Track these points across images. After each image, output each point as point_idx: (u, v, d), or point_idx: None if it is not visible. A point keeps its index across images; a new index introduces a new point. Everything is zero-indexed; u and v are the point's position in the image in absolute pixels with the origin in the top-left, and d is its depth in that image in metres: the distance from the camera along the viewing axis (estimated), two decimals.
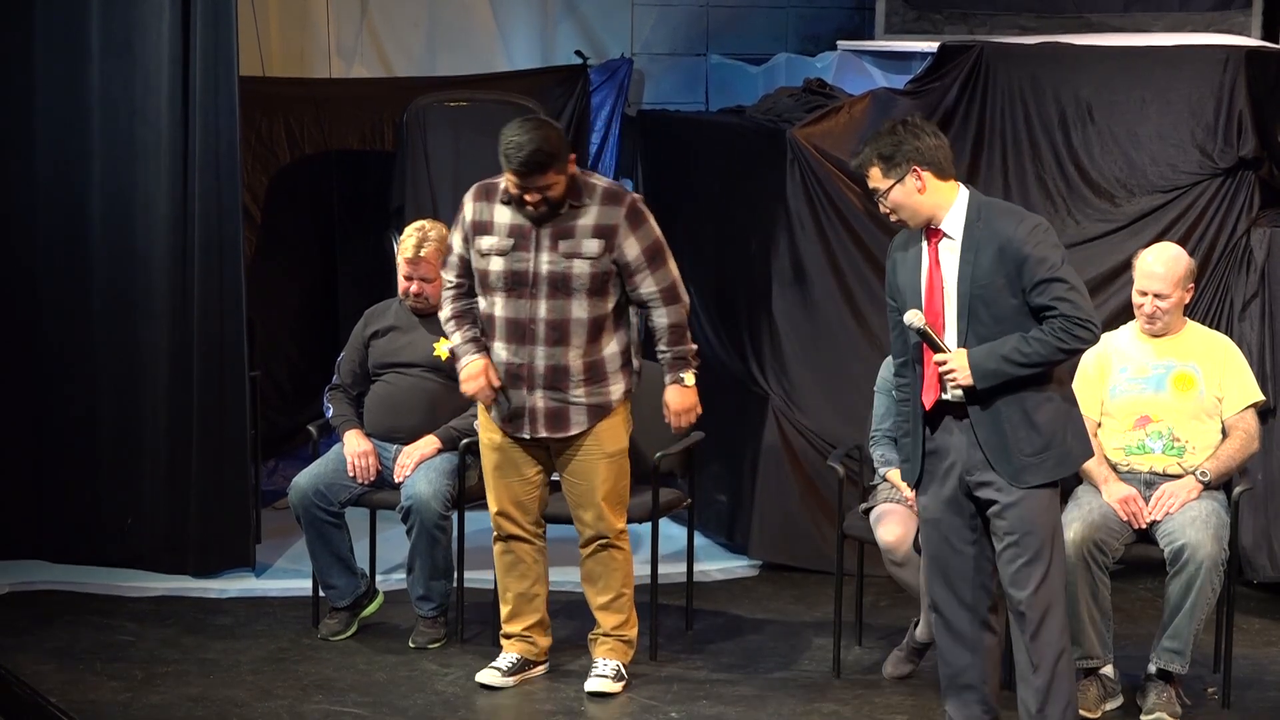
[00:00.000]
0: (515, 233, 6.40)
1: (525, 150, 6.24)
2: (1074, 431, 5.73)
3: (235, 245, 7.86)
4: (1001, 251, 5.58)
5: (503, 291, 6.42)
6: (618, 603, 6.72)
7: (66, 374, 8.01)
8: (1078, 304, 5.56)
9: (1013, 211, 5.76)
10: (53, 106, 7.94)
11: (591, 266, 6.37)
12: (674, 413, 6.59)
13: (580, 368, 6.44)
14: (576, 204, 6.38)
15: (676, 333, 6.52)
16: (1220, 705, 6.66)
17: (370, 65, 9.55)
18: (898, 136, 5.66)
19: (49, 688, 6.68)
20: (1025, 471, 5.64)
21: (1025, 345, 5.55)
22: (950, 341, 5.67)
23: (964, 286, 5.63)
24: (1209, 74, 8.04)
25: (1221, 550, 6.44)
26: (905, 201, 5.67)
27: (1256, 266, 7.90)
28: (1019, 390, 5.61)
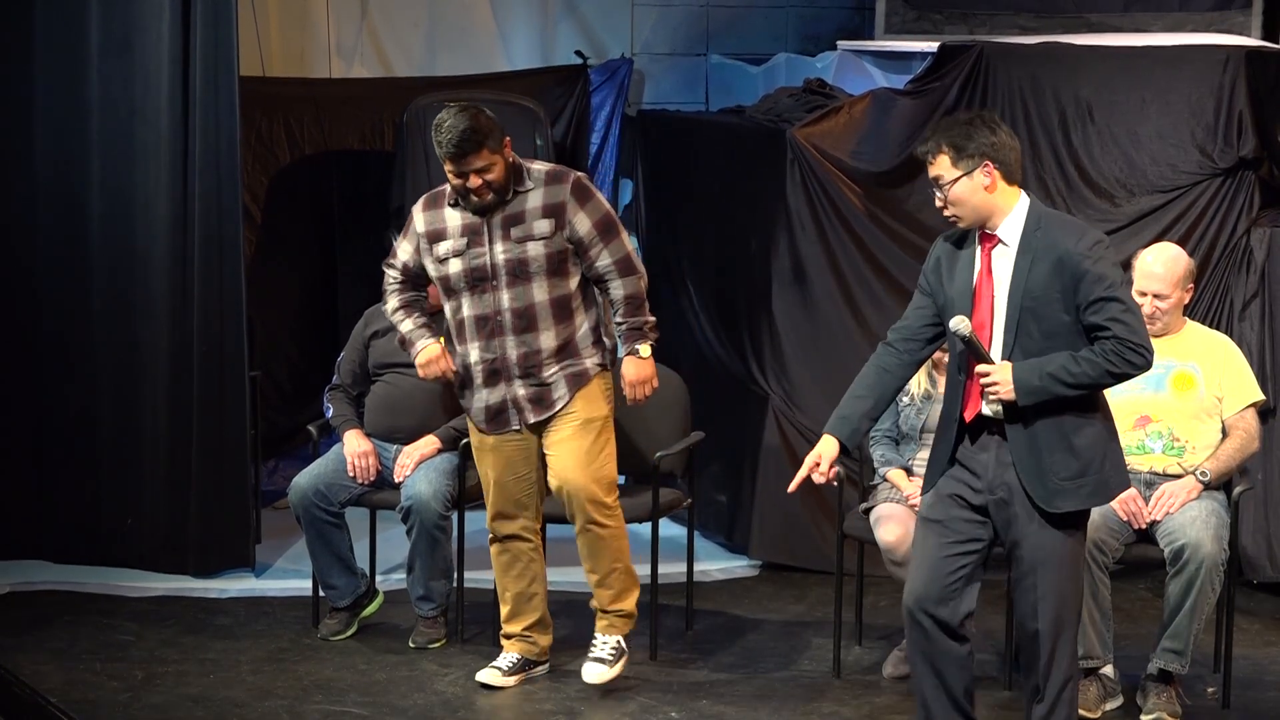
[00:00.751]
0: (468, 231, 6.43)
1: (455, 133, 6.26)
2: (1113, 462, 5.53)
3: (235, 245, 7.86)
4: (1060, 264, 5.35)
5: (466, 291, 6.44)
6: (610, 578, 6.69)
7: (66, 374, 8.02)
8: (1133, 327, 5.35)
9: (1074, 225, 5.54)
10: (53, 106, 7.94)
11: (546, 247, 6.38)
12: (630, 383, 6.55)
13: (552, 349, 6.44)
14: (521, 188, 6.41)
15: (633, 304, 6.49)
16: (1220, 705, 6.66)
17: (370, 65, 9.55)
18: (974, 128, 5.43)
19: (49, 687, 6.68)
20: (1058, 496, 5.42)
21: (1074, 364, 5.34)
22: (995, 354, 5.44)
23: (1015, 297, 5.41)
24: (1209, 74, 8.04)
25: (1221, 550, 6.44)
26: (969, 197, 5.42)
27: (1256, 266, 7.91)
28: (1060, 411, 5.40)
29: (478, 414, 6.56)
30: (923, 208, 8.26)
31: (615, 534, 6.63)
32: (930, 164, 5.47)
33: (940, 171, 5.45)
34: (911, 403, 6.94)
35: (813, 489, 8.20)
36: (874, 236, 8.23)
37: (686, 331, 8.97)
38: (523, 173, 6.44)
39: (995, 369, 5.39)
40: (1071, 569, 5.51)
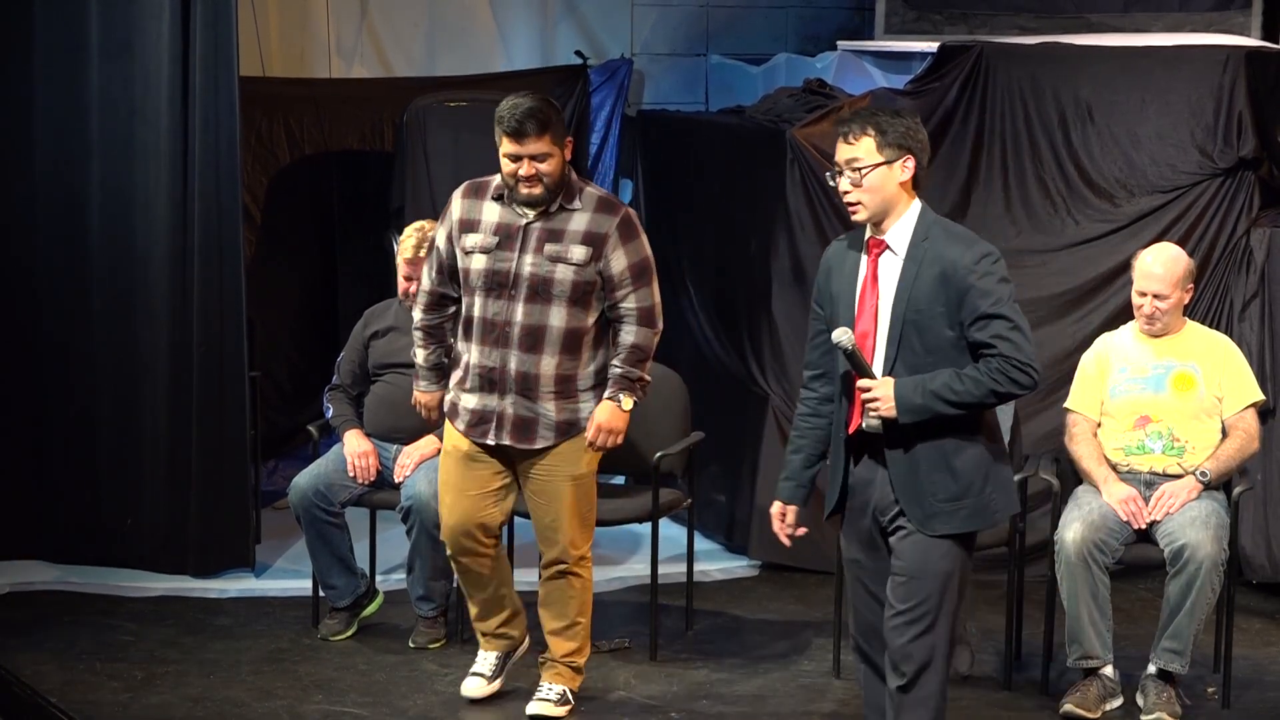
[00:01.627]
0: (501, 231, 6.14)
1: (520, 109, 6.04)
2: (997, 484, 5.26)
3: (235, 245, 7.86)
4: (944, 277, 5.13)
5: (482, 291, 6.16)
6: (571, 630, 6.42)
7: (66, 374, 8.01)
8: (1019, 345, 5.10)
9: (964, 236, 5.25)
10: (52, 106, 7.94)
11: (575, 274, 6.09)
12: (599, 426, 6.17)
13: (552, 378, 6.14)
14: (569, 206, 6.12)
15: (637, 354, 6.19)
16: (1220, 705, 6.66)
17: (370, 65, 9.55)
18: (904, 121, 5.24)
19: (49, 688, 6.68)
20: (935, 518, 5.20)
21: (957, 383, 5.10)
22: (877, 367, 5.21)
23: (899, 308, 5.17)
24: (1209, 74, 8.05)
25: (1221, 550, 6.44)
26: (882, 187, 5.19)
27: (1256, 267, 7.91)
28: (941, 431, 5.15)
29: (462, 415, 6.26)
30: None
31: (587, 585, 6.42)
32: (849, 143, 5.21)
33: (859, 154, 5.19)
34: None
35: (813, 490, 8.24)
36: None
37: (686, 331, 8.97)
38: (574, 190, 6.15)
39: (877, 384, 5.16)
40: (946, 589, 5.24)
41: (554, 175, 6.08)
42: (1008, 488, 5.33)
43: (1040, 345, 8.01)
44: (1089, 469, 6.68)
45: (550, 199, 6.11)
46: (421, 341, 6.40)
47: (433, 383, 6.42)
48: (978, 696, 6.74)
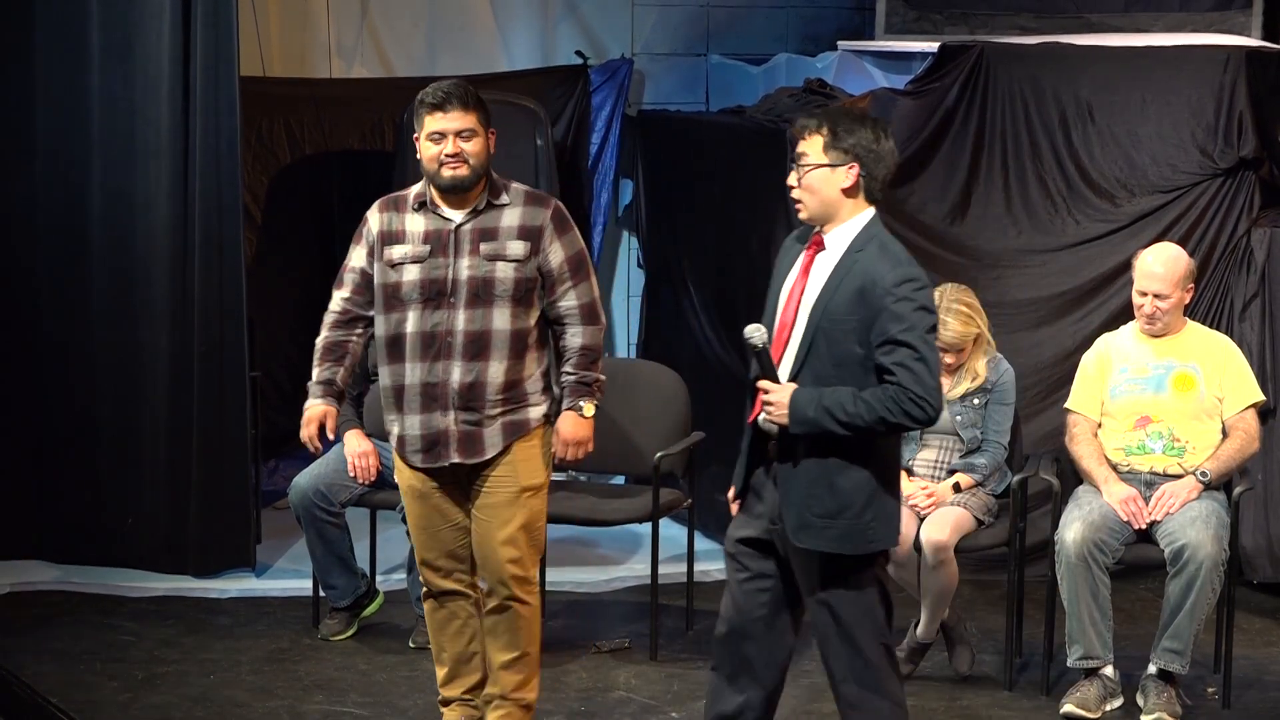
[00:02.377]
0: (431, 239, 5.78)
1: (444, 85, 5.78)
2: (878, 513, 5.10)
3: (235, 245, 7.87)
4: (862, 293, 5.00)
5: (417, 304, 5.77)
6: (520, 663, 5.97)
7: (67, 374, 8.02)
8: (920, 377, 4.95)
9: (895, 257, 5.08)
10: (53, 106, 7.94)
11: (516, 271, 5.75)
12: (564, 440, 5.88)
13: (499, 385, 5.77)
14: (497, 202, 5.80)
15: (588, 356, 5.86)
16: (1220, 705, 6.66)
17: (370, 65, 9.55)
18: (862, 126, 5.11)
19: (49, 688, 6.69)
20: (805, 530, 5.08)
21: (851, 404, 4.97)
22: (785, 369, 5.12)
23: (815, 315, 5.07)
24: (1209, 74, 8.05)
25: (1222, 550, 6.45)
26: (820, 189, 5.10)
27: (1257, 267, 7.91)
28: (830, 448, 5.04)
29: (410, 444, 5.84)
30: (923, 208, 8.27)
31: (535, 613, 5.96)
32: (803, 139, 5.15)
33: (808, 150, 5.12)
34: None
35: None
36: None
37: (686, 331, 8.98)
38: (500, 187, 5.83)
39: (776, 389, 5.07)
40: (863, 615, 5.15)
41: (479, 157, 5.75)
42: (890, 520, 5.15)
43: (1040, 345, 8.09)
44: (1089, 469, 6.68)
45: (474, 184, 5.76)
46: (319, 358, 5.95)
47: (319, 397, 5.91)
48: (978, 696, 6.75)
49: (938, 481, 6.88)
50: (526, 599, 5.90)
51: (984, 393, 6.91)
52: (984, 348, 6.94)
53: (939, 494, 6.80)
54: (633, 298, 9.82)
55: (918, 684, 6.86)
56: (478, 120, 5.77)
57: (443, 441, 5.80)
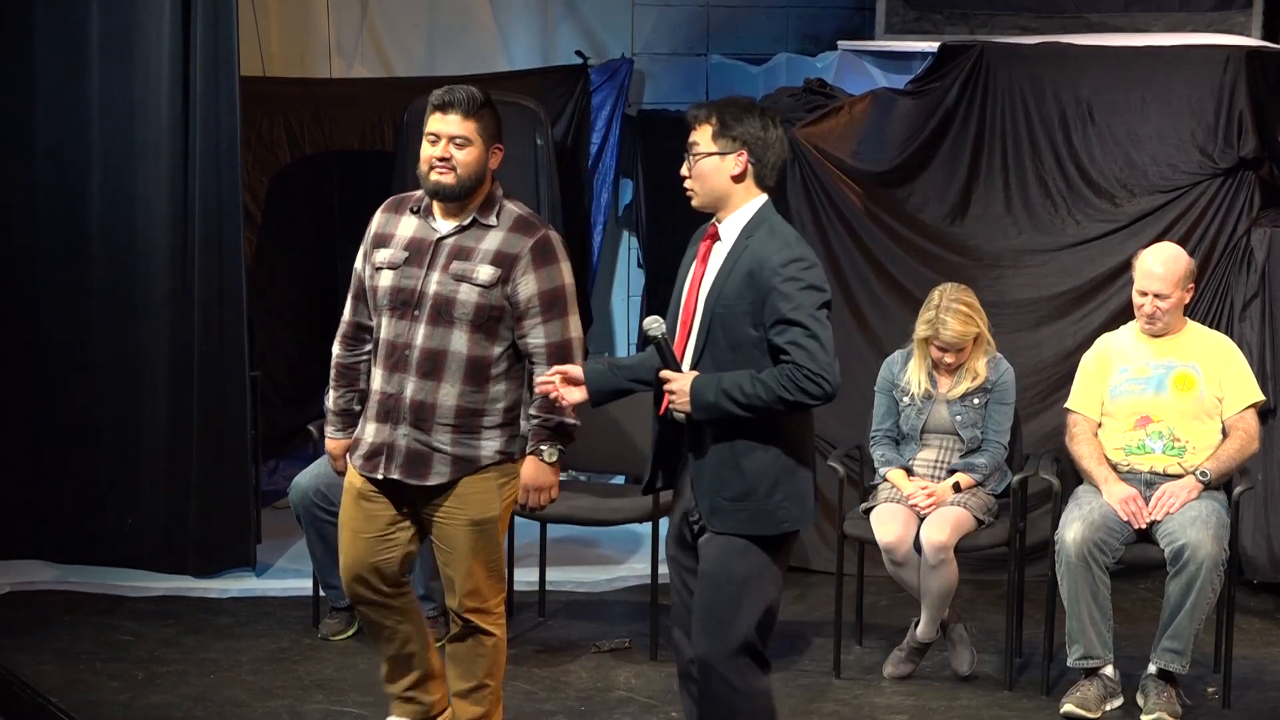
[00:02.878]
0: (413, 246, 5.58)
1: (456, 89, 5.58)
2: (789, 492, 5.09)
3: (235, 245, 7.87)
4: (752, 276, 5.01)
5: (388, 310, 5.59)
6: (479, 694, 5.74)
7: (67, 374, 8.02)
8: (814, 355, 4.94)
9: (784, 239, 5.08)
10: (53, 106, 7.94)
11: (480, 296, 5.48)
12: (524, 486, 5.61)
13: (452, 410, 5.51)
14: (485, 221, 5.56)
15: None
16: (1220, 705, 6.66)
17: (371, 65, 9.55)
18: (750, 114, 5.12)
19: (49, 688, 6.69)
20: (718, 514, 5.08)
21: (749, 385, 4.96)
22: (687, 358, 5.12)
23: (710, 302, 5.09)
24: (1209, 74, 8.05)
25: (1222, 550, 6.45)
26: (710, 177, 5.12)
27: (1257, 267, 7.91)
28: (735, 431, 5.04)
29: (361, 448, 5.66)
30: (923, 207, 8.28)
31: (498, 645, 5.74)
32: (694, 128, 5.17)
33: (698, 140, 5.15)
34: (912, 403, 6.95)
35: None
36: (874, 236, 8.24)
37: None
38: (495, 207, 5.60)
39: (677, 378, 5.06)
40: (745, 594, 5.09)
41: (468, 167, 5.52)
42: (802, 499, 5.13)
43: (1040, 345, 8.10)
44: (1089, 469, 6.69)
45: (460, 194, 5.54)
46: (333, 381, 5.82)
47: (338, 429, 5.82)
48: (978, 696, 6.75)
49: (937, 481, 6.88)
50: (488, 629, 5.69)
51: (984, 392, 6.92)
52: (984, 347, 6.94)
53: (939, 494, 6.81)
54: (633, 297, 9.82)
55: (917, 684, 6.86)
56: (476, 130, 5.55)
57: (388, 454, 5.58)
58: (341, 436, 5.83)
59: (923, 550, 6.68)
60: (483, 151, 5.56)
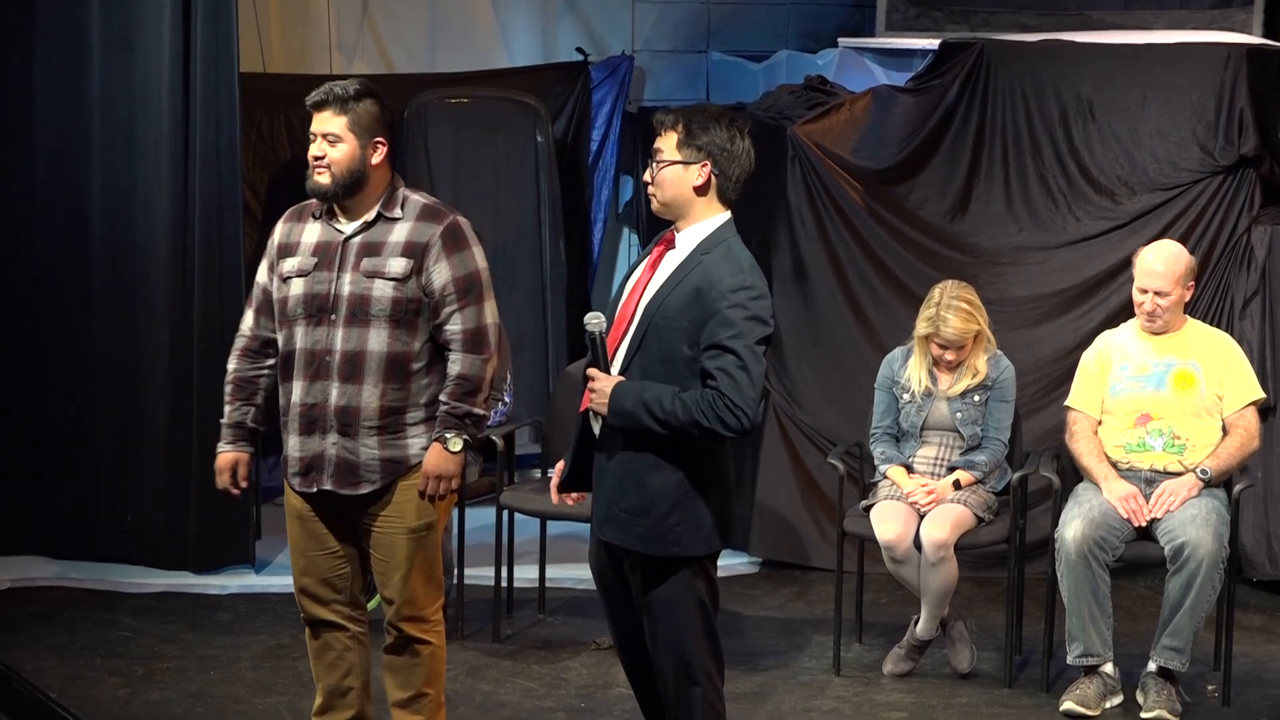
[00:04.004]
0: (320, 251, 5.41)
1: (330, 87, 5.44)
2: (686, 518, 4.98)
3: (236, 242, 7.87)
4: (698, 294, 4.91)
5: (303, 319, 5.42)
6: (417, 704, 5.59)
7: (67, 369, 8.02)
8: (740, 386, 4.84)
9: (739, 264, 5.00)
10: (53, 103, 7.94)
11: (395, 290, 5.33)
12: (424, 474, 5.37)
13: (375, 411, 5.36)
14: (389, 215, 5.40)
15: (464, 385, 5.35)
16: (1220, 703, 6.66)
17: (371, 62, 9.54)
18: (717, 125, 5.04)
19: (49, 684, 6.68)
20: (609, 523, 5.03)
21: (669, 402, 4.87)
22: (618, 362, 5.02)
23: (651, 309, 4.98)
24: (1210, 72, 8.05)
25: (1222, 548, 6.44)
26: (672, 186, 5.03)
27: (1257, 264, 7.91)
28: (647, 444, 4.94)
29: (291, 465, 5.53)
30: (924, 205, 8.27)
31: (435, 654, 5.59)
32: (659, 134, 5.07)
33: (663, 147, 5.05)
34: (912, 400, 6.94)
35: (813, 486, 8.26)
36: (874, 233, 8.23)
37: None
38: (396, 200, 5.43)
39: (602, 380, 4.97)
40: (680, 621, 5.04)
41: (340, 165, 5.36)
42: (697, 526, 5.00)
43: (1040, 342, 8.10)
44: (1089, 466, 6.68)
45: (336, 194, 5.38)
46: (229, 395, 5.69)
47: (229, 442, 5.69)
48: (978, 693, 6.75)
49: (937, 478, 6.87)
50: (425, 638, 5.55)
51: (984, 390, 6.91)
52: (984, 345, 6.94)
53: (939, 491, 6.80)
54: None
55: (917, 681, 6.86)
56: (348, 125, 5.38)
57: (318, 466, 5.45)
58: (231, 449, 5.70)
59: (922, 547, 6.67)
60: (357, 147, 5.40)
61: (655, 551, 5.01)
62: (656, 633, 5.08)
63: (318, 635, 5.63)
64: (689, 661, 5.07)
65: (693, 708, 5.11)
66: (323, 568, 5.56)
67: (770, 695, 6.73)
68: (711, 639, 5.11)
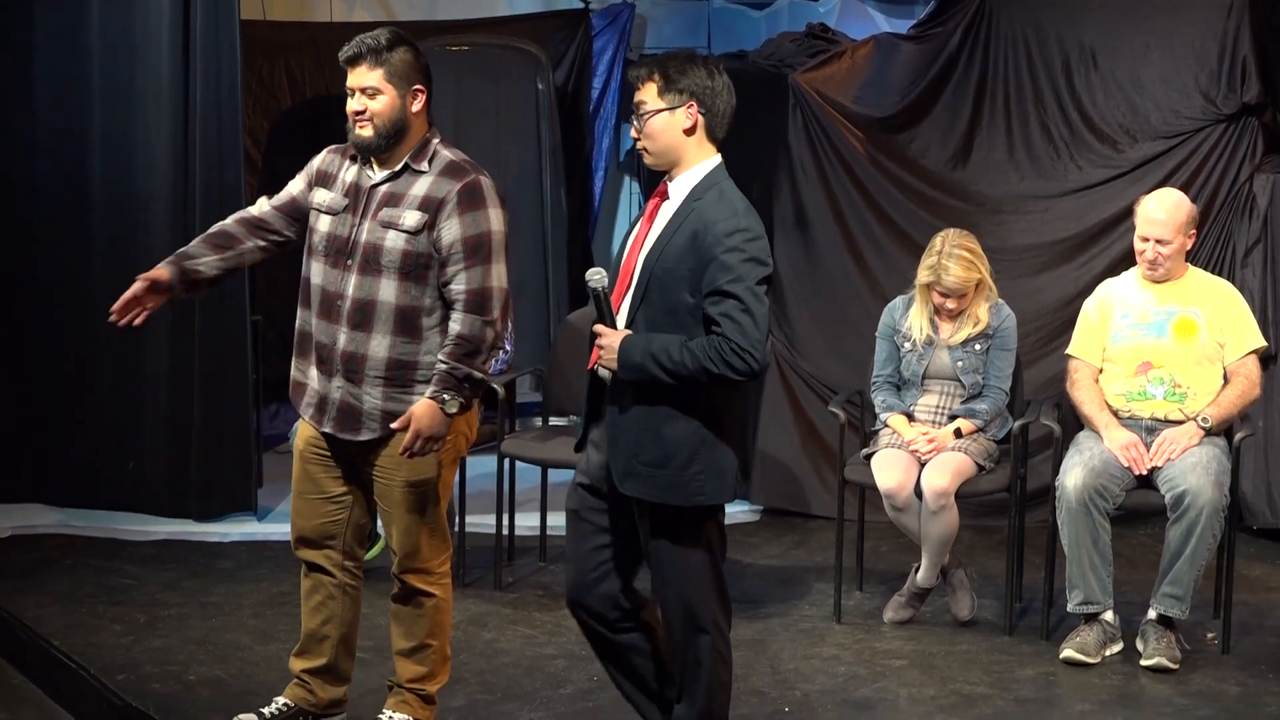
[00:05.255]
0: (351, 192, 5.44)
1: (361, 39, 5.45)
2: (706, 466, 4.99)
3: (236, 190, 7.85)
4: (695, 240, 4.91)
5: (322, 257, 5.44)
6: (421, 654, 5.63)
7: (68, 319, 8.02)
8: (745, 329, 4.84)
9: (733, 206, 5.00)
10: (52, 52, 7.92)
11: (406, 243, 5.31)
12: (414, 430, 5.24)
13: (382, 362, 5.35)
14: (416, 167, 5.40)
15: (464, 346, 5.26)
16: (1220, 651, 6.66)
17: (371, 9, 9.51)
18: (693, 65, 5.02)
19: (51, 631, 6.69)
20: (630, 477, 5.00)
21: (677, 351, 4.86)
22: (622, 316, 5.02)
23: (650, 261, 4.98)
24: (1213, 19, 8.02)
25: (1222, 496, 6.44)
26: (662, 133, 5.01)
27: (1259, 213, 7.89)
28: (659, 396, 4.94)
29: (307, 396, 5.54)
30: (925, 153, 8.25)
31: (439, 606, 5.60)
32: (638, 88, 5.04)
33: (645, 98, 5.03)
34: (914, 349, 6.93)
35: (814, 435, 8.26)
36: (876, 182, 8.21)
37: None
38: (428, 153, 5.42)
39: (610, 334, 4.96)
40: (689, 569, 5.07)
41: (383, 116, 5.38)
42: (720, 474, 5.03)
43: (1042, 291, 8.09)
44: (1090, 414, 6.67)
45: (381, 145, 5.40)
46: (203, 235, 5.57)
47: (171, 262, 5.47)
48: (979, 641, 6.76)
49: (939, 427, 6.87)
50: (428, 589, 5.56)
51: (985, 338, 6.90)
52: (985, 293, 6.92)
53: (940, 440, 6.80)
54: None
55: (917, 628, 6.87)
56: (384, 76, 5.39)
57: (323, 407, 5.46)
58: (167, 270, 5.44)
59: (923, 496, 6.67)
60: (397, 97, 5.41)
61: (680, 502, 5.01)
62: (665, 580, 5.10)
63: (308, 575, 5.67)
64: (697, 610, 5.09)
65: (700, 655, 5.13)
66: (318, 512, 5.60)
67: (770, 642, 6.74)
68: (720, 587, 5.14)
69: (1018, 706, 6.16)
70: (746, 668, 6.46)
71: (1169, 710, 6.17)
